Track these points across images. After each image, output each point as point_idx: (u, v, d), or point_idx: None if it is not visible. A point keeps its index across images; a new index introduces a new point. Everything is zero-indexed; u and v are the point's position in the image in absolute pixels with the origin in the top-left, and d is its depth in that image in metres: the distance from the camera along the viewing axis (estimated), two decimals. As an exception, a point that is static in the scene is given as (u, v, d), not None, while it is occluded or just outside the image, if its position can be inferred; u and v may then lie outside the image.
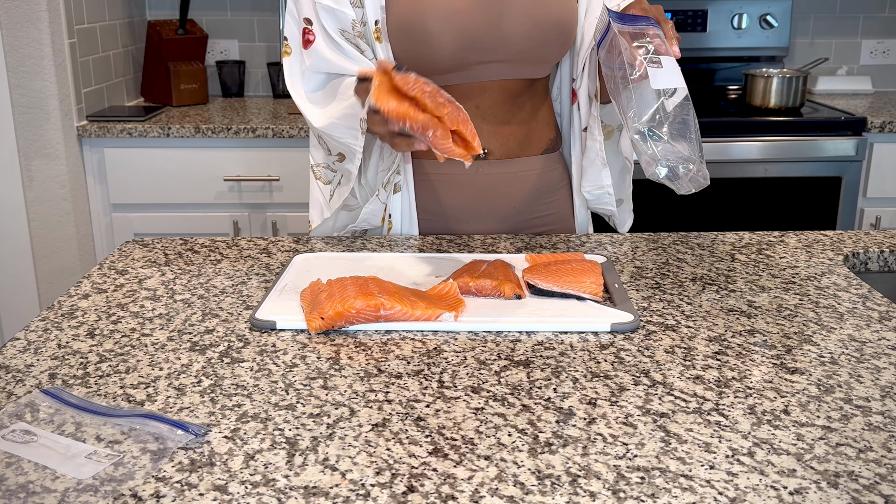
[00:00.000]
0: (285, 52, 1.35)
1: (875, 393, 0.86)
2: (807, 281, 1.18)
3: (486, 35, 1.29)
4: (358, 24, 1.29)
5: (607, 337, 0.99)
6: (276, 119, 2.59)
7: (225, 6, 3.02)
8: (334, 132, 1.28)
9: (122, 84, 2.82)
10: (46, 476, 0.71)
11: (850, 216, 2.58)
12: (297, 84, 1.34)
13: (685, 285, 1.16)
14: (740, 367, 0.92)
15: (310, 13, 1.30)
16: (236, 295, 1.12)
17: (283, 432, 0.78)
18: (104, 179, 2.54)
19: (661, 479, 0.71)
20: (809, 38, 3.11)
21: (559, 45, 1.34)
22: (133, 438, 0.77)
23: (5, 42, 2.33)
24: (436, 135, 1.02)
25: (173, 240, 1.36)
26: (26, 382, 0.89)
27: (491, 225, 1.41)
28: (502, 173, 1.38)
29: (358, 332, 1.00)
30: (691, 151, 1.09)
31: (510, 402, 0.84)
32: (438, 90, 1.03)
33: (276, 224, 2.58)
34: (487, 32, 1.29)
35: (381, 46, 1.30)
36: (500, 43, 1.30)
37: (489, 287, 1.08)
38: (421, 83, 1.03)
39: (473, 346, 0.96)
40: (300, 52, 1.33)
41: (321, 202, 1.41)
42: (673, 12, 2.92)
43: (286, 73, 1.35)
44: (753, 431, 0.79)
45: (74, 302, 1.10)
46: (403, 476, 0.71)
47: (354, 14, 1.29)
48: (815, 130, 2.53)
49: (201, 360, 0.93)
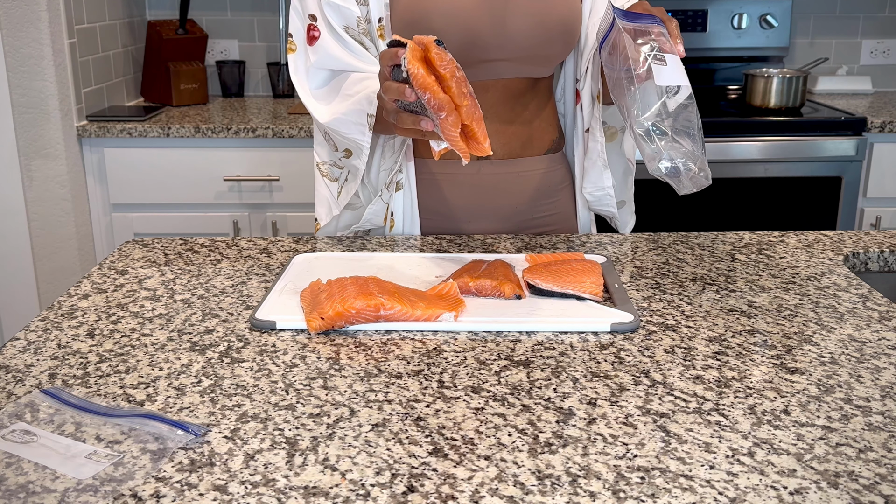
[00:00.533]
0: (290, 48, 1.35)
1: (875, 393, 0.86)
2: (807, 281, 1.18)
3: (490, 33, 1.29)
4: (363, 20, 1.29)
5: (607, 337, 0.99)
6: (276, 119, 2.59)
7: (225, 6, 3.02)
8: (340, 128, 1.28)
9: (122, 84, 2.82)
10: (46, 476, 0.71)
11: (850, 216, 2.58)
12: (301, 80, 1.34)
13: (685, 285, 1.16)
14: (740, 367, 0.92)
15: (315, 9, 1.30)
16: (236, 295, 1.12)
17: (283, 432, 0.78)
18: (104, 179, 2.54)
19: (661, 479, 0.71)
20: (809, 38, 3.11)
21: (563, 44, 1.34)
22: (133, 438, 0.77)
23: (5, 42, 2.33)
24: (448, 119, 1.01)
25: (173, 240, 1.36)
26: (26, 382, 0.89)
27: (493, 224, 1.41)
28: (505, 173, 1.39)
29: (358, 332, 1.00)
30: (694, 148, 1.09)
31: (510, 402, 0.84)
32: (466, 80, 1.02)
33: (276, 224, 2.58)
34: (491, 30, 1.29)
35: (384, 44, 1.30)
36: (504, 41, 1.30)
37: (489, 287, 1.08)
38: (454, 66, 1.01)
39: (473, 346, 0.96)
40: (305, 48, 1.33)
41: (329, 199, 1.41)
42: (673, 12, 2.92)
43: (291, 70, 1.35)
44: (753, 431, 0.79)
45: (74, 302, 1.10)
46: (403, 476, 0.71)
47: (359, 11, 1.29)
48: (815, 130, 2.53)
49: (201, 360, 0.93)
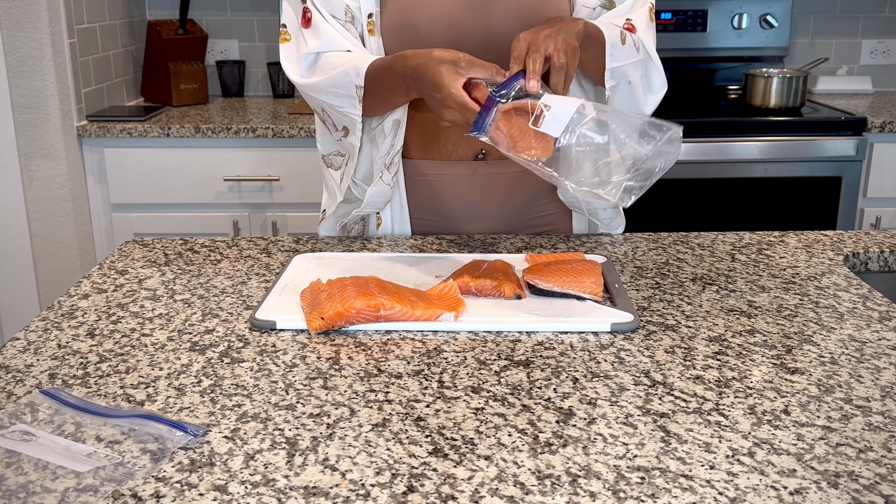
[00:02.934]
0: (283, 38, 1.35)
1: (875, 393, 0.86)
2: (807, 281, 1.18)
3: (475, 35, 1.30)
4: (352, 9, 1.30)
5: (607, 337, 0.99)
6: (276, 119, 2.59)
7: (225, 6, 3.02)
8: (333, 100, 1.28)
9: (122, 84, 2.82)
10: (46, 476, 0.71)
11: (850, 216, 2.58)
12: (292, 67, 1.34)
13: (685, 285, 1.16)
14: (740, 367, 0.92)
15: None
16: (236, 295, 1.12)
17: (283, 432, 0.78)
18: (104, 179, 2.54)
19: (661, 479, 0.71)
20: (809, 38, 3.11)
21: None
22: (133, 439, 0.77)
23: (5, 42, 2.33)
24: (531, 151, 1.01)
25: (173, 240, 1.36)
26: (26, 382, 0.89)
27: (490, 225, 1.41)
28: (500, 174, 1.38)
29: (358, 332, 1.00)
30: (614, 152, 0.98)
31: (510, 402, 0.84)
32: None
33: (276, 224, 2.57)
34: (475, 32, 1.30)
35: (373, 40, 1.31)
36: (489, 43, 1.30)
37: (489, 287, 1.08)
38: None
39: (473, 346, 0.96)
40: (299, 36, 1.33)
41: (334, 187, 1.41)
42: (673, 12, 2.92)
43: (283, 59, 1.35)
44: (753, 431, 0.78)
45: (74, 302, 1.10)
46: (403, 476, 0.71)
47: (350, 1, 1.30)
48: (816, 130, 2.53)
49: (201, 360, 0.93)
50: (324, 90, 1.29)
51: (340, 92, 1.27)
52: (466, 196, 1.39)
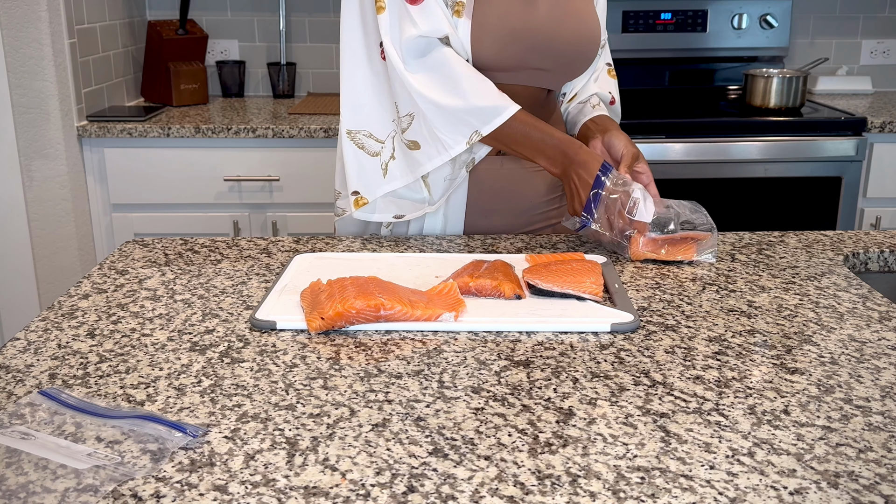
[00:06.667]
0: (379, 6, 1.27)
1: (875, 393, 0.86)
2: (807, 281, 1.18)
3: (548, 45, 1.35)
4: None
5: (607, 337, 0.99)
6: (276, 119, 2.59)
7: (225, 6, 3.02)
8: (436, 121, 1.27)
9: (122, 84, 2.82)
10: (46, 476, 0.71)
11: (850, 216, 2.58)
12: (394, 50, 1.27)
13: (685, 285, 1.16)
14: (740, 367, 0.92)
15: None
16: (236, 295, 1.12)
17: (283, 432, 0.78)
18: (104, 179, 2.54)
19: (661, 479, 0.71)
20: (809, 38, 3.11)
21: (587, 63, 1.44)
22: (133, 439, 0.77)
23: (5, 42, 2.33)
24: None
25: (173, 240, 1.36)
26: (26, 382, 0.89)
27: (508, 220, 1.45)
28: (519, 170, 1.43)
29: (358, 332, 1.00)
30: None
31: (510, 402, 0.84)
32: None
33: (276, 224, 2.57)
34: (549, 42, 1.35)
35: (461, 22, 1.29)
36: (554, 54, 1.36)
37: (489, 287, 1.08)
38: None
39: (473, 346, 0.96)
40: (401, 10, 1.27)
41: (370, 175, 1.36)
42: (673, 12, 2.92)
43: (382, 32, 1.27)
44: (753, 431, 0.79)
45: (74, 302, 1.10)
46: (403, 476, 0.71)
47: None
48: (815, 130, 2.53)
49: (201, 361, 0.93)
50: (431, 104, 1.26)
51: (451, 119, 1.26)
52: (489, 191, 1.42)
